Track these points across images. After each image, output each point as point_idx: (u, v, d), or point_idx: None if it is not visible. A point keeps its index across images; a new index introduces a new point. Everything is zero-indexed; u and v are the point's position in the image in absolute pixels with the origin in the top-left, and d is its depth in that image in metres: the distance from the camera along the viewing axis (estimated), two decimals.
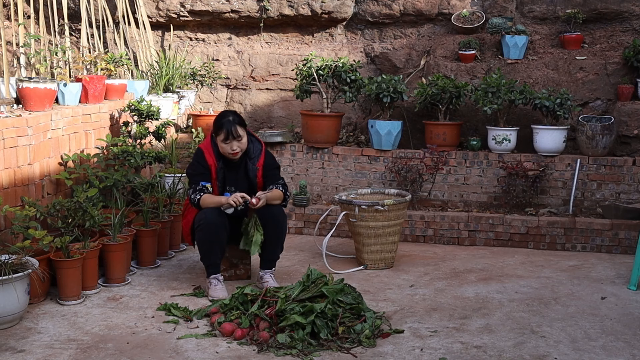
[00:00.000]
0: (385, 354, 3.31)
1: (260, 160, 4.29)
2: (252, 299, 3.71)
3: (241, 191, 4.19)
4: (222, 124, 4.14)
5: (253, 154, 4.28)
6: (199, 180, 4.19)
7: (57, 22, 6.21)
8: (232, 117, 4.17)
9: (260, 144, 4.36)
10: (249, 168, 4.27)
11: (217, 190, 4.24)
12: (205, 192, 4.16)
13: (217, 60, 7.34)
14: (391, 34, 7.10)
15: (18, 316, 3.61)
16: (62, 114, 4.77)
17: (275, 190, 4.26)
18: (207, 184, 4.20)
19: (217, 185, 4.24)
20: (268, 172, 4.31)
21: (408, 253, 5.24)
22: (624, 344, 3.45)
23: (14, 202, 4.12)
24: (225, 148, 4.16)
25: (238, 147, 4.16)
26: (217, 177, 4.23)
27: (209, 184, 4.22)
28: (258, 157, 4.29)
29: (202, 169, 4.22)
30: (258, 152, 4.30)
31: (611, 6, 6.55)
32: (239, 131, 4.13)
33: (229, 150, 4.15)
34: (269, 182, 4.30)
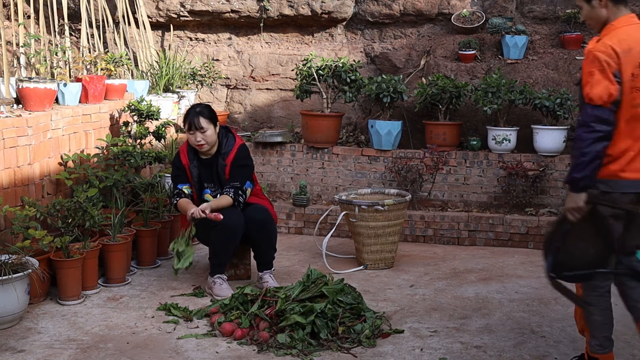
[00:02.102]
0: (385, 354, 3.31)
1: (229, 156, 4.25)
2: (252, 299, 3.71)
3: (215, 188, 4.24)
4: (187, 114, 4.19)
5: (225, 149, 4.27)
6: (176, 182, 4.28)
7: (57, 22, 6.21)
8: (199, 108, 4.19)
9: (235, 140, 4.32)
10: (218, 164, 4.26)
11: (194, 188, 4.28)
12: (182, 196, 4.23)
13: (217, 60, 7.34)
14: (391, 34, 7.10)
15: (18, 316, 3.61)
16: (62, 114, 4.77)
17: (222, 197, 4.14)
18: (184, 185, 4.26)
19: (193, 184, 4.28)
20: (232, 170, 4.23)
21: (408, 253, 5.24)
22: (624, 344, 3.45)
23: (14, 202, 4.11)
24: (190, 139, 4.20)
25: (202, 139, 4.16)
26: (192, 176, 4.27)
27: (186, 185, 4.27)
28: (228, 153, 4.26)
29: (178, 171, 4.29)
30: (229, 148, 4.27)
31: None
32: (201, 122, 4.13)
33: (193, 141, 4.18)
34: (229, 180, 4.20)
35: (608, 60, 2.76)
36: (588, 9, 2.94)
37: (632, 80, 2.78)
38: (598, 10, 2.91)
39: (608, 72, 2.76)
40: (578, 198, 2.79)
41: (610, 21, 2.89)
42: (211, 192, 4.26)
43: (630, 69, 2.77)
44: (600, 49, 2.80)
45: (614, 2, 2.87)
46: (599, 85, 2.75)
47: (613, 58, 2.77)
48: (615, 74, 2.76)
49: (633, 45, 2.79)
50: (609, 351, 3.01)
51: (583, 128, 2.76)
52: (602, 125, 2.74)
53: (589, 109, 2.76)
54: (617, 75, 2.76)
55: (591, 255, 2.87)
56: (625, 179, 2.81)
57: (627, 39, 2.80)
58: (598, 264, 2.87)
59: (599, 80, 2.76)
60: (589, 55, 2.82)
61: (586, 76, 2.80)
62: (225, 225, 4.06)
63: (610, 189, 2.82)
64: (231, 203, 4.13)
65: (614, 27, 2.86)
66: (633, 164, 2.81)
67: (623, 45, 2.78)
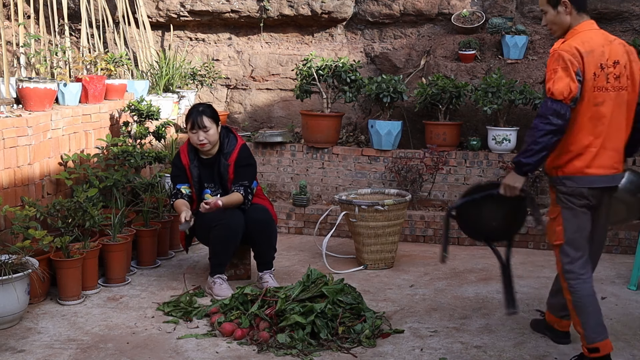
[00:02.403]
0: (385, 354, 3.31)
1: (232, 156, 4.26)
2: (252, 299, 3.71)
3: (215, 188, 4.24)
4: (190, 113, 4.20)
5: (227, 149, 4.27)
6: (175, 182, 4.28)
7: (57, 22, 6.21)
8: (201, 107, 4.21)
9: (237, 140, 4.33)
10: (221, 164, 4.27)
11: (194, 188, 4.28)
12: (180, 196, 4.23)
13: (217, 60, 7.34)
14: (391, 34, 7.10)
15: (18, 316, 3.61)
16: (62, 114, 4.77)
17: (233, 194, 4.17)
18: (183, 186, 4.26)
19: (193, 184, 4.27)
20: (237, 169, 4.24)
21: (408, 253, 5.24)
22: (624, 344, 3.45)
23: (14, 202, 4.11)
24: (192, 138, 4.19)
25: (205, 138, 4.16)
26: (192, 176, 4.26)
27: (185, 185, 4.27)
28: (231, 153, 4.27)
29: (178, 171, 4.29)
30: (232, 148, 4.28)
31: (611, 6, 6.55)
32: (205, 121, 4.13)
33: (196, 140, 4.17)
34: (236, 180, 4.22)
35: (572, 59, 2.94)
36: (553, 14, 3.13)
37: (594, 80, 2.96)
38: (563, 16, 3.11)
39: (570, 71, 2.93)
40: (518, 180, 3.03)
41: (573, 27, 3.10)
42: (211, 192, 4.26)
43: (592, 69, 2.96)
44: (565, 48, 2.98)
45: (577, 9, 3.09)
46: (561, 81, 2.92)
47: (576, 58, 2.95)
48: (578, 72, 2.94)
49: (595, 48, 2.99)
50: (605, 337, 3.06)
51: (540, 119, 2.93)
52: (558, 119, 2.91)
53: (549, 102, 2.92)
54: (579, 74, 2.95)
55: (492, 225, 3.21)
56: (591, 175, 3.00)
57: (590, 41, 3.00)
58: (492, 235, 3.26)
59: (561, 77, 2.93)
60: (554, 54, 3.00)
61: (550, 73, 2.97)
62: (225, 225, 4.07)
63: (576, 184, 3.01)
64: (241, 200, 4.16)
65: (577, 31, 3.07)
66: (597, 161, 3.00)
67: (586, 46, 2.98)
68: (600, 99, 2.97)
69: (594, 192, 3.02)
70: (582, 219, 3.07)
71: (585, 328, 3.07)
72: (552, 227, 3.13)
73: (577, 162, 3.01)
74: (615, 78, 3.00)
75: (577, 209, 3.04)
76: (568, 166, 3.02)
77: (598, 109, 2.98)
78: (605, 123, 2.99)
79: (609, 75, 2.99)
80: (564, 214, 3.07)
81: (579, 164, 3.00)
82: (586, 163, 3.00)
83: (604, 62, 2.99)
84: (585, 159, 3.00)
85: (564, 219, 3.07)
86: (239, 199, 4.15)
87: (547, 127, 2.91)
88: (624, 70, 3.02)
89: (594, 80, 2.96)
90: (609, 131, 3.01)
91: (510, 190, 3.06)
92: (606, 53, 3.00)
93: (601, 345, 3.04)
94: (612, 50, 3.03)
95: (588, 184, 3.01)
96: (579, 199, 3.03)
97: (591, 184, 3.01)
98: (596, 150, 3.00)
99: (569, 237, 3.07)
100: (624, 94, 3.02)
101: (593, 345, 3.04)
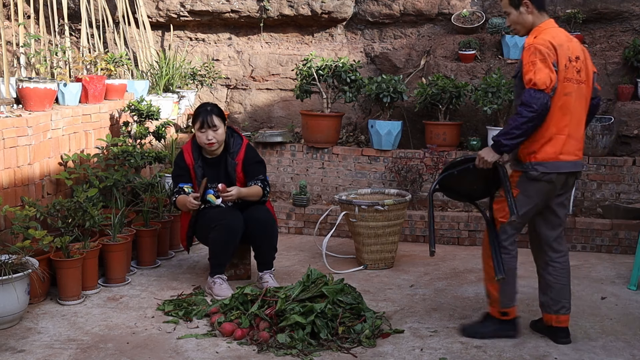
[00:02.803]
0: (385, 354, 3.31)
1: (239, 155, 4.28)
2: (252, 299, 3.70)
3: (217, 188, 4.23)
4: (199, 113, 4.18)
5: (233, 148, 4.28)
6: (177, 182, 4.27)
7: (57, 22, 6.21)
8: (209, 107, 4.21)
9: (242, 139, 4.35)
10: (228, 163, 4.27)
11: (197, 188, 4.25)
12: (182, 193, 4.20)
13: (217, 60, 7.34)
14: (391, 34, 7.10)
15: (18, 316, 3.61)
16: (62, 114, 4.77)
17: (253, 186, 4.23)
18: (186, 185, 4.23)
19: (197, 184, 4.25)
20: (247, 167, 4.27)
21: (408, 253, 5.24)
22: (624, 344, 3.45)
23: (14, 202, 4.11)
24: (201, 137, 4.17)
25: (214, 137, 4.16)
26: (196, 176, 4.25)
27: (188, 184, 4.24)
28: (237, 152, 4.28)
29: (181, 171, 4.27)
30: (238, 147, 4.30)
31: (611, 6, 6.55)
32: (214, 120, 4.14)
33: (204, 139, 4.16)
34: (249, 177, 4.26)
35: (548, 51, 3.17)
36: (516, 15, 3.35)
37: (565, 71, 3.21)
38: (525, 15, 3.33)
39: (548, 62, 3.16)
40: (493, 156, 3.28)
41: (536, 25, 3.33)
42: (214, 192, 4.25)
43: (564, 61, 3.20)
44: (540, 42, 3.20)
45: (538, 8, 3.32)
46: (541, 72, 3.14)
47: (551, 50, 3.18)
48: (554, 63, 3.18)
49: (563, 42, 3.24)
50: (515, 304, 3.50)
51: (525, 107, 3.13)
52: (542, 107, 3.13)
53: (532, 92, 3.13)
54: (555, 65, 3.18)
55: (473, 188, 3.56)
56: (560, 161, 3.26)
57: (557, 37, 3.25)
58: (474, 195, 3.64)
59: (541, 68, 3.14)
60: (530, 47, 3.21)
61: (528, 65, 3.18)
62: (225, 226, 4.07)
63: (548, 169, 3.26)
64: (261, 193, 4.23)
65: (542, 29, 3.30)
66: (565, 147, 3.25)
67: (557, 40, 3.22)
68: (569, 90, 3.22)
69: (560, 177, 3.29)
70: (531, 207, 3.35)
71: (502, 295, 3.44)
72: (503, 205, 3.36)
73: (548, 149, 3.24)
74: (577, 72, 3.26)
75: (535, 197, 3.32)
76: (540, 152, 3.25)
77: (567, 98, 3.23)
78: (571, 112, 3.25)
79: (573, 68, 3.24)
80: (518, 198, 3.31)
81: (551, 150, 3.24)
82: (556, 149, 3.24)
83: (570, 56, 3.24)
84: (556, 145, 3.24)
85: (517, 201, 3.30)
86: (258, 191, 4.21)
87: (530, 115, 3.12)
88: (582, 65, 3.29)
89: (565, 72, 3.20)
90: (573, 120, 3.27)
91: (485, 163, 3.31)
92: (570, 48, 3.26)
93: (510, 311, 3.47)
94: (573, 46, 3.29)
95: (557, 169, 3.26)
96: (544, 186, 3.28)
97: (559, 169, 3.27)
98: (564, 137, 3.25)
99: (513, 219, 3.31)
100: (583, 87, 3.29)
101: (505, 309, 3.46)
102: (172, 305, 3.89)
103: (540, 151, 3.25)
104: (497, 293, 3.45)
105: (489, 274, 3.45)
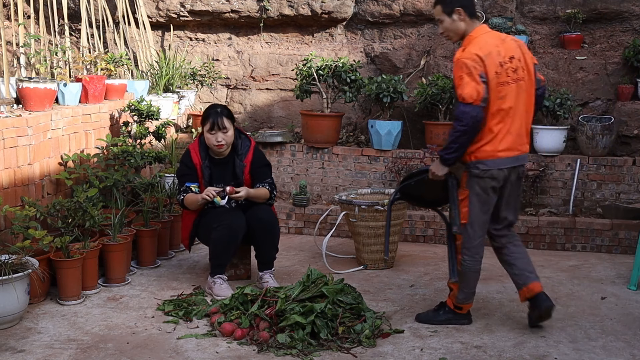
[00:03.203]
0: (385, 354, 3.31)
1: (247, 157, 4.29)
2: (252, 299, 3.70)
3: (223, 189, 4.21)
4: (209, 114, 4.17)
5: (241, 150, 4.29)
6: (184, 181, 4.25)
7: (57, 22, 6.21)
8: (220, 108, 4.21)
9: (250, 141, 4.36)
10: (236, 164, 4.27)
11: (203, 188, 4.24)
12: (189, 192, 4.19)
13: (217, 60, 7.33)
14: (391, 34, 7.10)
15: (18, 316, 3.61)
16: (62, 114, 4.77)
17: (260, 188, 4.26)
18: (193, 184, 4.22)
19: (203, 184, 4.25)
20: (255, 169, 4.30)
21: (408, 253, 5.24)
22: (624, 344, 3.45)
23: (14, 202, 4.11)
24: (210, 139, 4.17)
25: (223, 139, 4.16)
26: (203, 176, 4.25)
27: (195, 184, 4.23)
28: (246, 154, 4.29)
29: (187, 170, 4.26)
30: (246, 149, 4.31)
31: (611, 6, 6.55)
32: (224, 122, 4.14)
33: (214, 141, 4.16)
34: (256, 179, 4.28)
35: (474, 65, 3.32)
36: (449, 22, 3.50)
37: (497, 77, 3.35)
38: (458, 23, 3.48)
39: (475, 75, 3.31)
40: (442, 169, 3.51)
41: (468, 32, 3.48)
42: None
43: (493, 69, 3.35)
44: (467, 56, 3.35)
45: (470, 16, 3.47)
46: (468, 86, 3.31)
47: (478, 63, 3.33)
48: (481, 75, 3.32)
49: (491, 50, 3.37)
50: (471, 302, 3.70)
51: (457, 121, 3.34)
52: (472, 120, 3.31)
53: (462, 106, 3.32)
54: (483, 76, 3.33)
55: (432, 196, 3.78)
56: (498, 158, 3.43)
57: (486, 45, 3.38)
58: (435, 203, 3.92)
59: (467, 82, 3.31)
60: (458, 62, 3.37)
61: (457, 80, 3.37)
62: (226, 227, 4.07)
63: (488, 167, 3.43)
64: (268, 195, 4.27)
65: (473, 37, 3.45)
66: (502, 144, 3.42)
67: (484, 50, 3.36)
68: (504, 93, 3.37)
69: (502, 173, 3.45)
70: (486, 203, 3.50)
71: (460, 292, 3.64)
72: (460, 208, 3.54)
73: (487, 147, 3.41)
74: (513, 71, 3.39)
75: (483, 194, 3.48)
76: (479, 151, 3.42)
77: (503, 101, 3.38)
78: (509, 112, 3.41)
79: (507, 70, 3.38)
80: (471, 198, 3.49)
81: (489, 149, 3.41)
82: (495, 147, 3.41)
83: (501, 60, 3.37)
84: (494, 144, 3.41)
85: (470, 202, 3.49)
86: (265, 194, 4.25)
87: (462, 129, 3.33)
88: (519, 63, 3.43)
89: (497, 78, 3.35)
90: (512, 118, 3.42)
91: (436, 176, 3.54)
92: (502, 52, 3.39)
93: (465, 306, 3.69)
94: (506, 47, 3.42)
95: (496, 165, 3.43)
96: (488, 182, 3.45)
97: (499, 166, 3.43)
98: (502, 136, 3.41)
99: (472, 219, 3.51)
100: (522, 84, 3.44)
101: (460, 305, 3.67)
102: (172, 305, 3.89)
103: (479, 150, 3.42)
104: (456, 290, 3.66)
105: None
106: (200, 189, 4.23)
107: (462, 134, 3.33)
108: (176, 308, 3.86)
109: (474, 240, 3.55)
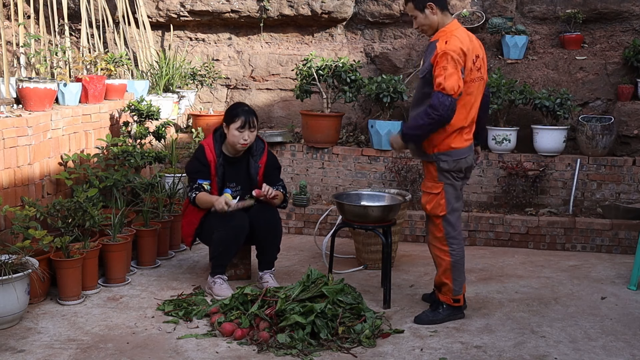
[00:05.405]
0: (385, 354, 3.31)
1: (263, 159, 4.29)
2: (252, 299, 3.70)
3: (242, 188, 4.22)
4: (239, 112, 4.14)
5: (256, 151, 4.29)
6: (196, 178, 4.19)
7: (57, 22, 6.21)
8: (247, 107, 4.21)
9: (263, 142, 4.37)
10: (250, 165, 4.27)
11: (216, 186, 4.22)
12: (202, 190, 4.15)
13: (217, 60, 7.34)
14: (391, 34, 7.10)
15: (18, 316, 3.61)
16: (62, 114, 4.77)
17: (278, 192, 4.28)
18: (205, 182, 4.18)
19: (216, 182, 4.23)
20: (270, 172, 4.32)
21: (408, 253, 5.24)
22: (624, 344, 3.45)
23: (14, 202, 4.12)
24: (237, 137, 4.12)
25: (249, 137, 4.16)
26: (217, 173, 4.22)
27: (207, 181, 4.19)
28: (260, 155, 4.29)
29: (201, 166, 4.20)
30: (261, 150, 4.31)
31: (611, 6, 6.55)
32: (255, 122, 4.16)
33: (240, 140, 4.13)
34: (269, 182, 4.26)
35: (459, 58, 3.41)
36: (423, 17, 3.58)
37: (470, 74, 3.48)
38: (431, 17, 3.56)
39: (458, 68, 3.40)
40: (401, 145, 3.65)
41: (442, 26, 3.56)
42: (232, 191, 4.24)
43: (469, 65, 3.47)
44: (452, 48, 3.41)
45: (441, 9, 3.56)
46: (451, 78, 3.37)
47: (461, 57, 3.43)
48: (462, 70, 3.43)
49: (469, 46, 3.49)
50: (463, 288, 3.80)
51: (432, 109, 3.40)
52: (447, 111, 3.39)
53: (441, 96, 3.37)
54: (462, 71, 3.44)
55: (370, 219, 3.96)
56: (461, 148, 3.56)
57: (464, 41, 3.47)
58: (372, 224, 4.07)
59: (452, 74, 3.37)
60: (445, 54, 3.40)
61: (440, 69, 3.39)
62: (230, 228, 4.06)
63: (452, 158, 3.55)
64: (283, 199, 4.31)
65: (450, 30, 3.52)
66: (465, 136, 3.56)
67: (465, 45, 3.45)
68: (472, 89, 3.52)
69: (466, 162, 3.60)
70: (458, 191, 3.65)
71: (455, 284, 3.70)
72: (437, 201, 3.63)
73: (456, 138, 3.54)
74: (478, 70, 3.54)
75: (455, 182, 3.61)
76: (444, 143, 3.53)
77: (469, 97, 3.53)
78: (470, 108, 3.55)
79: (477, 68, 3.53)
80: (446, 189, 3.60)
81: (457, 139, 3.54)
82: (461, 138, 3.55)
83: (473, 57, 3.50)
84: (460, 136, 3.55)
85: (446, 193, 3.60)
86: (281, 197, 4.29)
87: (436, 117, 3.40)
88: (481, 62, 3.58)
89: (470, 74, 3.48)
90: (472, 114, 3.58)
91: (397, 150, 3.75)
92: (472, 50, 3.51)
93: (460, 297, 3.76)
94: (474, 46, 3.55)
95: (464, 154, 3.57)
96: (458, 173, 3.59)
97: (461, 156, 3.57)
98: (467, 129, 3.58)
99: (451, 208, 3.62)
100: (482, 83, 3.61)
101: (457, 297, 3.73)
102: (172, 305, 3.89)
103: (444, 142, 3.53)
104: (451, 283, 3.70)
105: (442, 267, 3.70)
106: (212, 186, 4.21)
107: (434, 122, 3.42)
108: (176, 308, 3.86)
109: (456, 226, 3.67)
